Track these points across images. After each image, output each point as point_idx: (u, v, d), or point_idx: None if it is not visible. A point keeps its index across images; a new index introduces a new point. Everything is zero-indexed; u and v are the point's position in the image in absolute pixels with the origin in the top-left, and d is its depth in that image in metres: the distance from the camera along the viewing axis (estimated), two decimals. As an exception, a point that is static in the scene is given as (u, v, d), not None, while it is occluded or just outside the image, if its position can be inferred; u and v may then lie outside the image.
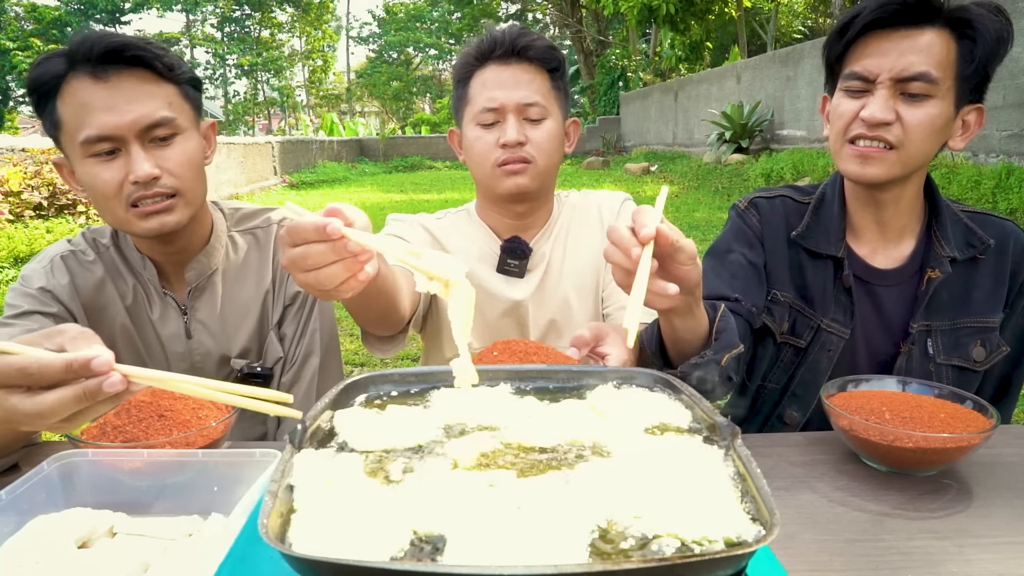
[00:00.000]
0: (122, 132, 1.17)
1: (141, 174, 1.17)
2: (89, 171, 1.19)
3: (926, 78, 1.18)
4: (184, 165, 1.24)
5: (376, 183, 16.67)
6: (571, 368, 0.97)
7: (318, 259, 0.79)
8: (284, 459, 0.67)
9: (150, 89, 1.21)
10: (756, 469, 0.65)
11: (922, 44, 1.18)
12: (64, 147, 1.22)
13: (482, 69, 1.42)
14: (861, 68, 1.23)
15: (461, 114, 1.48)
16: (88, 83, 1.16)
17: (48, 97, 1.18)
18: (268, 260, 1.46)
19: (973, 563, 0.77)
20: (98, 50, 1.15)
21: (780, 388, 1.44)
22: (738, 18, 17.10)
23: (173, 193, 1.23)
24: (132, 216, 1.21)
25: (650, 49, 23.06)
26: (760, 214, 1.45)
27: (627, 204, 1.61)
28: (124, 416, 0.96)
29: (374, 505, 0.63)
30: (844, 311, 1.37)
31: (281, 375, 1.45)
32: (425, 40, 44.16)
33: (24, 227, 6.82)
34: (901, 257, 1.38)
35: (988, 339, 1.36)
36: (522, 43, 1.39)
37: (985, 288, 1.36)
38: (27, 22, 30.98)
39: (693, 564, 0.53)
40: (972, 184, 6.61)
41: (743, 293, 1.35)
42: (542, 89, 1.42)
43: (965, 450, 0.94)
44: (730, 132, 12.77)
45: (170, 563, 0.72)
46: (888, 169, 1.24)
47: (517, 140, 1.38)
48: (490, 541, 0.56)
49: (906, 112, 1.20)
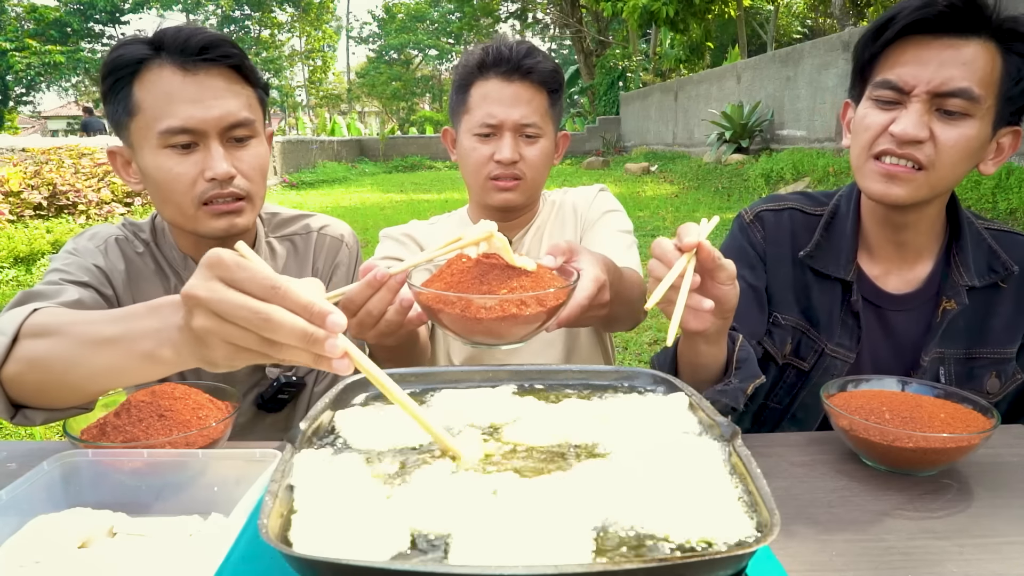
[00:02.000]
0: (206, 127, 1.15)
1: (220, 171, 1.15)
2: (161, 163, 1.15)
3: (967, 95, 1.06)
4: (256, 169, 1.23)
5: (376, 183, 16.67)
6: (572, 368, 0.97)
7: (379, 306, 0.95)
8: (284, 459, 0.67)
9: (235, 89, 1.19)
10: (756, 469, 0.65)
11: (965, 56, 1.06)
12: (132, 134, 1.18)
13: (484, 80, 1.43)
14: (896, 77, 1.11)
15: (459, 119, 1.50)
16: (175, 73, 1.14)
17: (124, 80, 1.15)
18: (307, 268, 1.44)
19: (973, 563, 0.77)
20: (194, 43, 1.14)
21: (782, 409, 1.39)
22: (738, 18, 17.10)
23: (243, 196, 1.21)
24: (202, 214, 1.18)
25: (650, 49, 23.06)
26: (765, 230, 1.36)
27: (601, 194, 1.64)
28: (124, 416, 0.96)
29: (374, 505, 0.63)
30: (851, 335, 1.30)
31: (314, 385, 1.43)
32: (425, 40, 44.16)
33: (24, 227, 6.82)
34: (916, 280, 1.29)
35: (1004, 370, 1.28)
36: (528, 64, 1.41)
37: (1005, 316, 1.27)
38: (27, 22, 30.98)
39: (693, 564, 0.53)
40: (972, 184, 6.61)
41: (741, 320, 1.28)
42: (540, 109, 1.44)
43: (965, 450, 0.94)
44: (730, 132, 12.77)
45: (170, 563, 0.72)
46: (915, 192, 1.13)
47: (512, 159, 1.42)
48: (491, 541, 0.56)
49: (941, 131, 1.09)
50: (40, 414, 0.95)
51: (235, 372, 1.34)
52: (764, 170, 10.43)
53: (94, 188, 8.10)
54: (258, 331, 0.65)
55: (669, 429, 0.79)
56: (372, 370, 0.70)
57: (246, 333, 0.66)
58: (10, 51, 27.89)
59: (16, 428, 3.17)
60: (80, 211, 7.55)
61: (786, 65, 12.00)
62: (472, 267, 0.93)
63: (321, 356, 0.66)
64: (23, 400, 0.94)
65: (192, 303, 0.67)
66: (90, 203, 7.69)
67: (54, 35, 30.78)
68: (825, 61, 10.61)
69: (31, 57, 28.74)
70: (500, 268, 0.92)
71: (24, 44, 28.59)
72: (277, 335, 0.65)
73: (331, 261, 1.47)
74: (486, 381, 0.94)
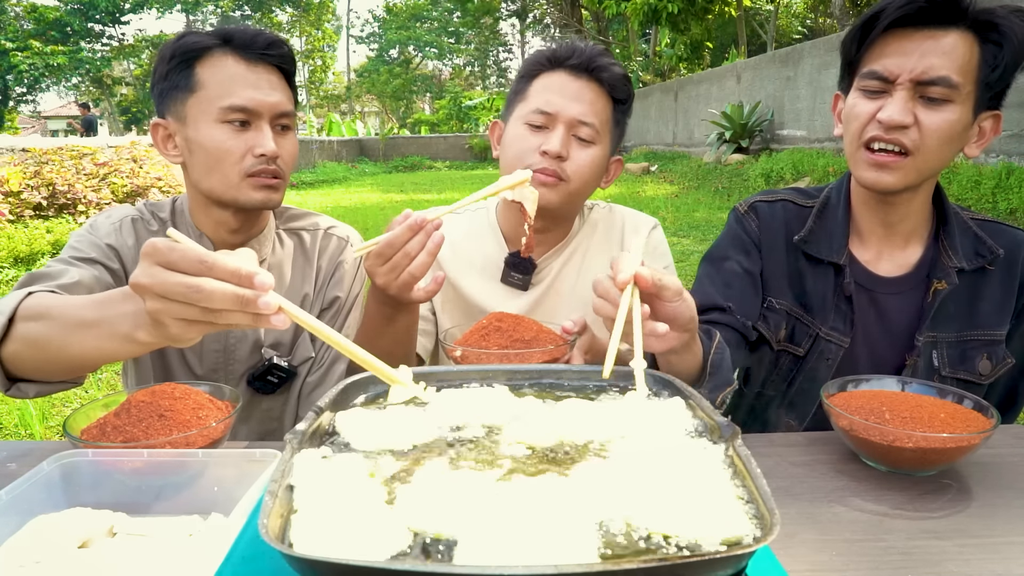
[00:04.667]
0: (262, 110, 1.30)
1: (269, 149, 1.29)
2: (216, 135, 1.28)
3: (947, 83, 1.14)
4: (291, 156, 1.37)
5: (376, 183, 16.68)
6: (572, 368, 0.97)
7: (416, 247, 1.06)
8: (284, 459, 0.67)
9: (282, 85, 1.35)
10: (756, 469, 0.65)
11: (945, 46, 1.14)
12: (188, 108, 1.30)
13: (551, 72, 1.38)
14: (881, 67, 1.19)
15: (513, 108, 1.43)
16: (237, 62, 1.29)
17: (188, 62, 1.29)
18: (312, 263, 1.51)
19: (973, 563, 0.77)
20: (260, 41, 1.30)
21: (778, 395, 1.42)
22: (738, 18, 17.11)
23: (279, 175, 1.34)
24: (246, 184, 1.30)
25: (650, 49, 23.06)
26: (760, 219, 1.42)
27: (656, 231, 1.55)
28: (124, 416, 0.96)
29: (374, 505, 0.63)
30: (844, 319, 1.34)
31: (307, 375, 1.48)
32: (425, 39, 44.17)
33: (24, 227, 6.82)
34: (907, 264, 1.35)
35: (994, 352, 1.33)
36: (599, 63, 1.36)
37: (994, 299, 1.33)
38: (26, 22, 30.97)
39: (693, 564, 0.53)
40: (972, 184, 6.61)
41: (736, 303, 1.33)
42: (602, 114, 1.37)
43: (965, 450, 0.94)
44: (730, 132, 12.77)
45: (170, 563, 0.72)
46: (904, 177, 1.21)
47: (558, 152, 1.32)
48: (492, 541, 0.56)
49: (924, 116, 1.16)
50: (33, 387, 1.06)
51: (236, 354, 1.43)
52: (764, 170, 10.43)
53: (94, 188, 8.10)
54: (196, 303, 0.73)
55: (669, 429, 0.79)
56: (305, 318, 0.77)
57: (187, 307, 0.74)
58: (12, 50, 27.89)
59: (16, 428, 3.17)
60: (80, 211, 7.55)
61: (786, 65, 12.00)
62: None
63: (258, 315, 0.75)
64: (21, 375, 1.05)
65: (140, 290, 0.76)
66: (90, 203, 7.69)
67: (55, 35, 30.78)
68: (825, 61, 10.61)
69: (33, 57, 28.76)
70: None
71: (26, 44, 28.60)
72: (212, 303, 0.73)
73: (334, 260, 1.52)
74: (486, 381, 0.94)
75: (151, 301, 0.76)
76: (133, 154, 9.79)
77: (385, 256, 1.09)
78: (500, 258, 1.50)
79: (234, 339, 1.42)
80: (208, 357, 1.42)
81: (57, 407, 3.43)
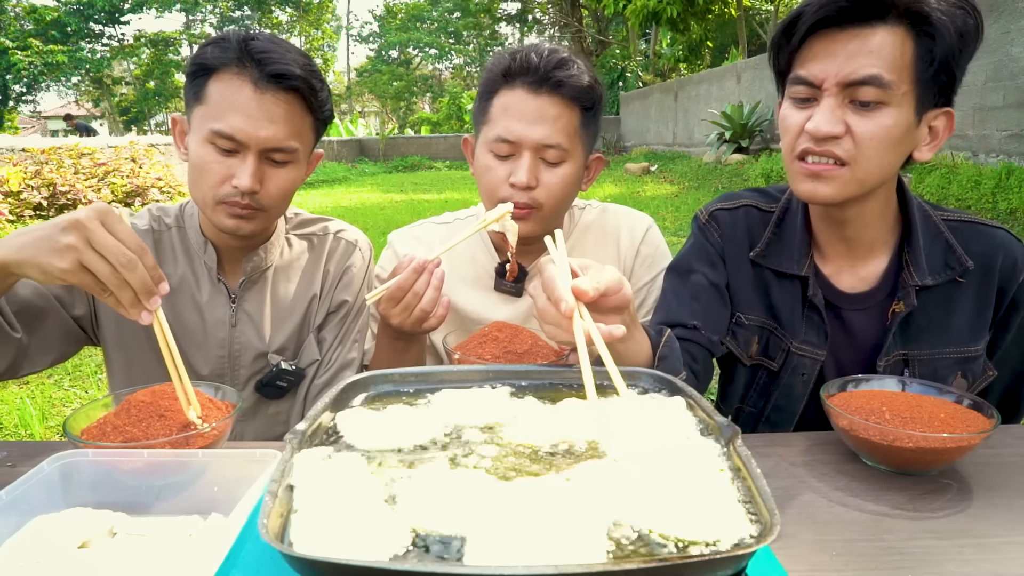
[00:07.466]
0: (248, 142, 1.23)
1: (244, 185, 1.24)
2: (202, 153, 1.26)
3: (877, 82, 1.04)
4: (281, 190, 1.31)
5: (376, 183, 16.67)
6: (573, 368, 0.97)
7: (422, 287, 1.18)
8: (284, 459, 0.67)
9: (292, 117, 1.27)
10: (756, 469, 0.65)
11: (872, 44, 1.04)
12: (192, 117, 1.29)
13: (509, 89, 1.31)
14: (806, 72, 1.10)
15: (479, 127, 1.39)
16: (244, 85, 1.23)
17: (206, 71, 1.25)
18: (320, 266, 1.50)
19: (973, 563, 0.77)
20: (269, 69, 1.22)
21: (756, 412, 1.36)
22: (738, 18, 17.11)
23: (260, 208, 1.29)
24: (218, 209, 1.28)
25: (650, 49, 23.07)
26: (721, 228, 1.34)
27: (651, 232, 1.54)
28: (124, 416, 0.96)
29: (374, 505, 0.63)
30: (817, 332, 1.26)
31: (314, 377, 1.48)
32: (425, 39, 44.16)
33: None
34: (870, 278, 1.26)
35: (969, 369, 1.24)
36: (558, 76, 1.28)
37: (967, 313, 1.23)
38: (26, 22, 30.96)
39: (693, 564, 0.53)
40: (972, 184, 6.61)
41: (703, 319, 1.27)
42: (568, 128, 1.31)
43: (965, 450, 0.94)
44: (730, 132, 12.77)
45: (170, 563, 0.72)
46: (841, 188, 1.11)
47: (527, 184, 1.30)
48: (492, 541, 0.57)
49: (857, 123, 1.07)
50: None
51: (240, 359, 1.43)
52: (764, 170, 10.43)
53: (94, 188, 8.11)
54: (119, 268, 0.90)
55: (669, 429, 0.79)
56: (163, 322, 0.98)
57: (104, 264, 0.90)
58: (11, 49, 27.88)
59: (16, 428, 3.17)
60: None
61: (786, 65, 11.98)
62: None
63: (137, 305, 0.94)
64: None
65: (73, 224, 0.90)
66: (90, 203, 7.68)
67: (55, 35, 30.77)
68: (825, 61, 10.59)
69: (33, 56, 28.75)
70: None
71: (26, 44, 28.59)
72: (130, 278, 0.91)
73: (343, 264, 1.52)
74: (486, 381, 0.94)
75: (74, 237, 0.90)
76: (132, 154, 9.80)
77: (396, 299, 1.18)
78: (492, 266, 1.50)
79: (238, 346, 1.42)
80: (212, 363, 1.41)
81: (57, 407, 3.43)
